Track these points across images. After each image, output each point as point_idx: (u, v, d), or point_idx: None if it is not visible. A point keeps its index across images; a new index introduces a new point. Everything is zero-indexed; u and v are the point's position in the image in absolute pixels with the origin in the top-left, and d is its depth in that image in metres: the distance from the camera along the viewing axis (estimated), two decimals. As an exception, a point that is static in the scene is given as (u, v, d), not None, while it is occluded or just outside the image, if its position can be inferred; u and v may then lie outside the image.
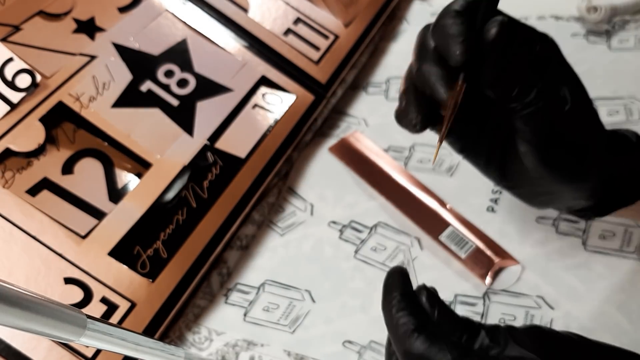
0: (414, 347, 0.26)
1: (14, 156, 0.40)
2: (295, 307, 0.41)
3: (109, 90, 0.45)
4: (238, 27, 0.52)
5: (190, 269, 0.41)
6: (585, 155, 0.31)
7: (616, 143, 0.34)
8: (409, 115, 0.31)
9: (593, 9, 0.56)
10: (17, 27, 0.44)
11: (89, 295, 0.38)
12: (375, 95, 0.56)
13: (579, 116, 0.31)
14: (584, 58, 0.54)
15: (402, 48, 0.60)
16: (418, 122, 0.31)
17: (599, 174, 0.33)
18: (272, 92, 0.51)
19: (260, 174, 0.47)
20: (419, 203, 0.45)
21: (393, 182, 0.47)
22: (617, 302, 0.38)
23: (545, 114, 0.30)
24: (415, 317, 0.27)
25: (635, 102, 0.49)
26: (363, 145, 0.51)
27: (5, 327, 0.21)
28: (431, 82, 0.29)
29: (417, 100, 0.31)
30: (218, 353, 0.39)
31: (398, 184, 0.47)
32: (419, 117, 0.31)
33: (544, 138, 0.30)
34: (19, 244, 0.37)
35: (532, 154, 0.31)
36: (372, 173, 0.48)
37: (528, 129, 0.30)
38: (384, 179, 0.48)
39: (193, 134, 0.46)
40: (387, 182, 0.47)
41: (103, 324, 0.25)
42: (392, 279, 0.29)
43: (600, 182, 0.33)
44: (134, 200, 0.41)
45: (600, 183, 0.33)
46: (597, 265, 0.40)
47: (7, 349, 0.35)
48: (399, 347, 0.27)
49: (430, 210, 0.45)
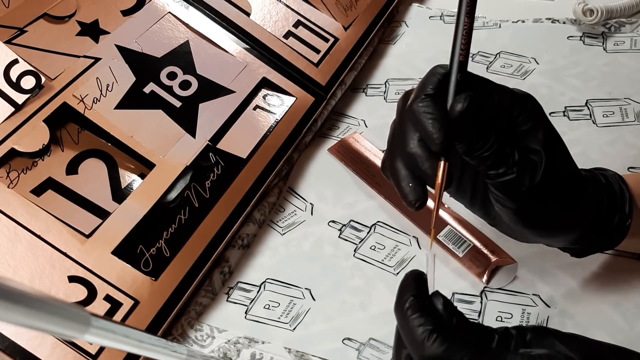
0: (433, 348, 0.26)
1: (19, 156, 0.41)
2: (296, 305, 0.42)
3: (113, 92, 0.45)
4: (239, 29, 0.53)
5: (193, 267, 0.42)
6: (563, 213, 0.32)
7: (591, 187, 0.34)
8: (407, 198, 0.31)
9: (589, 12, 0.56)
10: (21, 29, 0.45)
11: (93, 294, 0.38)
12: (374, 96, 0.56)
13: (553, 182, 0.31)
14: (579, 60, 0.55)
15: (401, 50, 0.60)
16: (418, 202, 0.31)
17: (579, 226, 0.33)
18: (272, 93, 0.52)
19: (261, 174, 0.47)
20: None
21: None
22: (613, 301, 0.39)
23: (519, 183, 0.30)
24: (432, 319, 0.27)
25: (630, 103, 0.50)
26: (362, 146, 0.51)
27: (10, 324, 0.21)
28: (418, 164, 0.30)
29: (411, 183, 0.31)
30: (220, 350, 0.40)
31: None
32: (418, 201, 0.31)
33: (518, 204, 0.30)
34: (24, 243, 0.38)
35: (507, 215, 0.31)
36: (371, 173, 0.49)
37: (502, 195, 0.30)
38: (383, 179, 0.48)
39: (195, 135, 0.46)
40: (386, 182, 0.48)
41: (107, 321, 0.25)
42: (407, 281, 0.29)
43: (581, 231, 0.33)
44: (137, 199, 0.42)
45: (581, 232, 0.33)
46: (592, 264, 0.40)
47: (12, 346, 0.35)
48: (415, 349, 0.27)
49: (429, 209, 0.45)
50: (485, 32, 0.60)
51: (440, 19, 0.62)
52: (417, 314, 0.27)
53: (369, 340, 0.39)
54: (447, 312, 0.28)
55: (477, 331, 0.28)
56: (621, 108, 0.50)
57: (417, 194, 0.31)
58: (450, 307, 0.28)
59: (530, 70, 0.55)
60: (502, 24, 0.60)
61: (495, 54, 0.57)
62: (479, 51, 0.58)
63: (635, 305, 0.38)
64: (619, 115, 0.49)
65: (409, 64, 0.58)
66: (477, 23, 0.61)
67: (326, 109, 0.55)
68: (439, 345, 0.26)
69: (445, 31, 0.61)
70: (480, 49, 0.58)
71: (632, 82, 0.52)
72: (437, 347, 0.26)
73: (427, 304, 0.28)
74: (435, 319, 0.27)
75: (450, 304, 0.28)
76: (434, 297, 0.28)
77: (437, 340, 0.26)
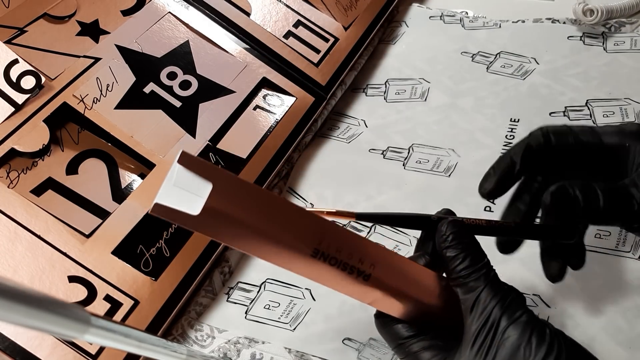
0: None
1: (19, 156, 0.41)
2: (296, 305, 0.42)
3: (113, 92, 0.45)
4: (240, 29, 0.53)
5: (193, 267, 0.42)
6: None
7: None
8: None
9: (589, 12, 0.56)
10: (21, 29, 0.45)
11: (93, 293, 0.38)
12: (374, 97, 0.56)
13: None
14: (579, 60, 0.55)
15: (401, 50, 0.60)
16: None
17: None
18: (273, 93, 0.52)
19: (261, 174, 0.47)
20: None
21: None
22: (613, 301, 0.39)
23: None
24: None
25: (630, 104, 0.50)
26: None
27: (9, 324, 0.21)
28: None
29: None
30: (220, 350, 0.40)
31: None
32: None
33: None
34: (24, 243, 0.38)
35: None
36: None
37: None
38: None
39: (195, 135, 0.46)
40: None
41: (107, 321, 0.25)
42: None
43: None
44: (137, 199, 0.42)
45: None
46: (593, 264, 0.40)
47: (12, 346, 0.35)
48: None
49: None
50: (485, 32, 0.60)
51: (440, 19, 0.62)
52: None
53: (369, 340, 0.39)
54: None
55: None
56: (621, 108, 0.50)
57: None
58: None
59: (531, 70, 0.55)
60: (502, 24, 0.60)
61: (496, 54, 0.57)
62: (479, 51, 0.58)
63: (635, 305, 0.38)
64: (619, 115, 0.49)
65: (409, 64, 0.58)
66: (477, 23, 0.61)
67: (326, 109, 0.55)
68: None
69: (445, 31, 0.61)
70: (480, 49, 0.58)
71: (632, 82, 0.52)
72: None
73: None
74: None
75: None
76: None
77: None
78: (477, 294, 0.28)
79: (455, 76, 0.56)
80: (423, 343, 0.29)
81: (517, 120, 0.51)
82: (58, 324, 0.23)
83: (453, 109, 0.53)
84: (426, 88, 0.56)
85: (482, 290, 0.28)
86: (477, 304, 0.28)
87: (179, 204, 0.23)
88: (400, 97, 0.56)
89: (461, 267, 0.29)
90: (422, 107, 0.54)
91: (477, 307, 0.28)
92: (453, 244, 0.29)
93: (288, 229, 0.26)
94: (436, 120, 0.53)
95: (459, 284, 0.29)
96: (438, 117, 0.53)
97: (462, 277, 0.29)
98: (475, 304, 0.28)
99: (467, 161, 0.49)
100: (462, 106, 0.53)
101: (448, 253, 0.29)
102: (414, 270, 0.30)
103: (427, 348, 0.29)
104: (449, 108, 0.53)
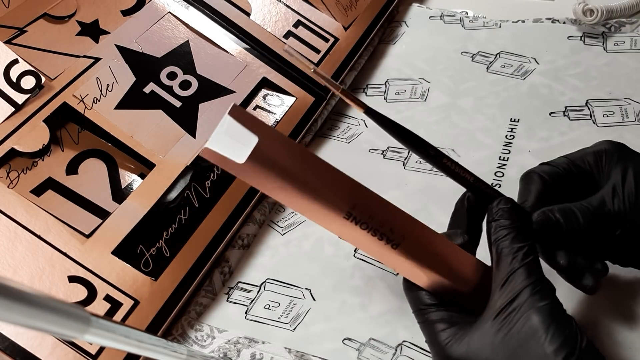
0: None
1: (19, 156, 0.41)
2: (296, 305, 0.42)
3: (113, 92, 0.45)
4: (240, 29, 0.53)
5: (193, 267, 0.42)
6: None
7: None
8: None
9: (589, 12, 0.56)
10: (21, 29, 0.45)
11: (93, 294, 0.38)
12: (374, 96, 0.56)
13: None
14: (580, 60, 0.55)
15: (401, 50, 0.60)
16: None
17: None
18: (273, 93, 0.52)
19: (261, 175, 0.47)
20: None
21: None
22: (614, 302, 0.39)
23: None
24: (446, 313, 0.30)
25: (631, 104, 0.50)
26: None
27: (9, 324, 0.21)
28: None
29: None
30: (220, 350, 0.40)
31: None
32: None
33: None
34: (24, 243, 0.38)
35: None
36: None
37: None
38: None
39: (195, 135, 0.46)
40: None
41: (107, 321, 0.25)
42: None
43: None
44: (137, 199, 0.42)
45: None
46: (592, 264, 0.40)
47: (12, 346, 0.35)
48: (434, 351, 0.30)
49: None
50: (485, 32, 0.60)
51: (440, 19, 0.62)
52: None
53: (369, 340, 0.39)
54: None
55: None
56: (621, 108, 0.50)
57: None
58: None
59: (531, 70, 0.55)
60: (502, 24, 0.60)
61: (496, 54, 0.57)
62: (479, 51, 0.58)
63: (636, 305, 0.38)
64: (619, 115, 0.49)
65: (409, 64, 0.58)
66: (477, 23, 0.61)
67: (326, 109, 0.55)
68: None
69: (446, 31, 0.61)
70: (480, 49, 0.58)
71: (632, 82, 0.52)
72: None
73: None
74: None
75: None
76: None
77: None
78: (512, 271, 0.28)
79: (455, 76, 0.56)
80: (442, 314, 0.30)
81: (517, 120, 0.51)
82: (58, 324, 0.23)
83: (453, 109, 0.53)
84: (426, 88, 0.56)
85: (517, 268, 0.28)
86: (510, 281, 0.28)
87: (226, 151, 0.25)
88: (400, 97, 0.56)
89: (506, 242, 0.29)
90: (422, 107, 0.54)
91: (508, 284, 0.28)
92: (504, 217, 0.30)
93: (326, 185, 0.27)
94: (436, 120, 0.53)
95: (499, 257, 0.29)
96: (438, 117, 0.53)
97: (504, 252, 0.29)
98: (508, 281, 0.28)
99: (467, 161, 0.49)
100: (462, 106, 0.53)
101: (497, 226, 0.30)
102: (446, 249, 0.30)
103: (443, 320, 0.30)
104: (449, 108, 0.53)
